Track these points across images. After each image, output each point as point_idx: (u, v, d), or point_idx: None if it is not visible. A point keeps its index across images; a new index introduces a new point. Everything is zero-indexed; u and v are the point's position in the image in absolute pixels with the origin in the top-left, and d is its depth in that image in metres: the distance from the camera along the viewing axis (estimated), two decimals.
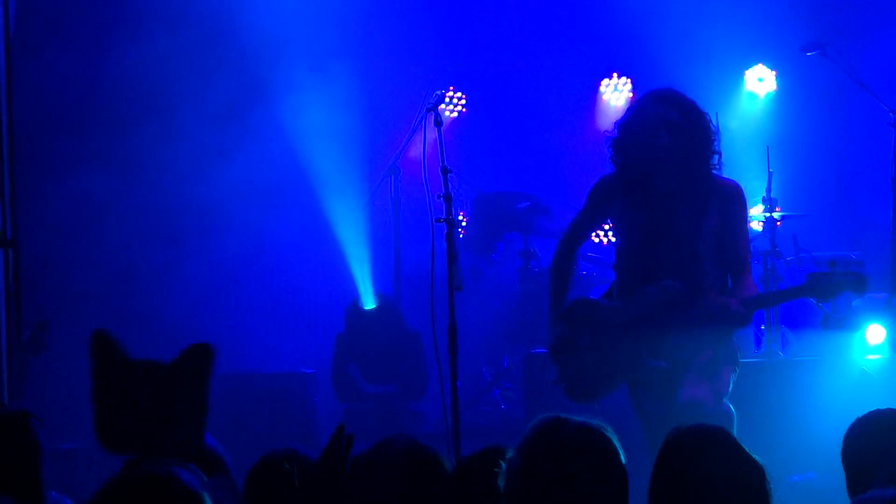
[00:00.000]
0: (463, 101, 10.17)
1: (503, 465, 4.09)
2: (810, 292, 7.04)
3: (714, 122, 7.08)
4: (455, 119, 10.02)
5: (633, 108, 7.04)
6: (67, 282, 9.95)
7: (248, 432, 7.90)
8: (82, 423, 8.68)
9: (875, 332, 9.09)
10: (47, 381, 9.13)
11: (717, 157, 6.96)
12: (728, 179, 7.11)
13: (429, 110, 7.94)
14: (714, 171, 6.97)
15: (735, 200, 6.88)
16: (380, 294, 9.52)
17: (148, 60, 10.06)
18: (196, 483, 3.40)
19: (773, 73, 10.76)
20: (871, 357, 9.14)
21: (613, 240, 7.92)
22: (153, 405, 4.23)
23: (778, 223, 9.21)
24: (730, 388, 6.85)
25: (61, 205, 9.82)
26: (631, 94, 10.65)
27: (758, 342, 9.52)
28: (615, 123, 7.01)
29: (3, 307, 8.93)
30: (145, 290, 10.08)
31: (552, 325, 7.16)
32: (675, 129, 6.80)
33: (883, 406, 4.77)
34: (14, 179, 9.06)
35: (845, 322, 8.48)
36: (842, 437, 4.56)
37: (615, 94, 10.66)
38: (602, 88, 10.64)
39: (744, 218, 6.94)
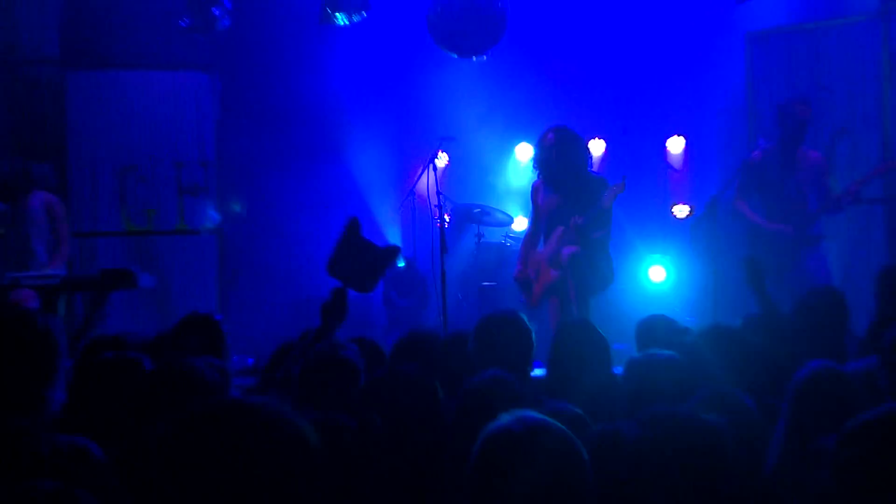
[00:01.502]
0: (447, 157, 9.90)
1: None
2: None
3: (585, 141, 6.84)
4: (444, 167, 9.82)
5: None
6: (252, 251, 9.70)
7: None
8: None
9: (657, 272, 8.94)
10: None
11: (589, 159, 6.82)
12: (597, 174, 6.98)
13: (431, 161, 8.33)
14: (590, 170, 6.81)
15: (601, 187, 6.55)
16: (406, 258, 9.56)
17: (290, 125, 9.83)
18: (211, 375, 3.04)
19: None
20: (654, 280, 8.90)
21: (524, 228, 7.94)
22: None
23: None
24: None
25: (250, 204, 9.74)
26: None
27: None
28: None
29: (216, 272, 9.35)
30: (295, 252, 9.81)
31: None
32: (555, 143, 6.63)
33: (660, 312, 5.04)
34: (222, 191, 9.39)
35: None
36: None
37: (522, 149, 9.80)
38: (515, 150, 9.96)
39: (602, 196, 6.49)
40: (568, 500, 1.99)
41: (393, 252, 3.22)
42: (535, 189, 6.92)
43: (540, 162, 6.81)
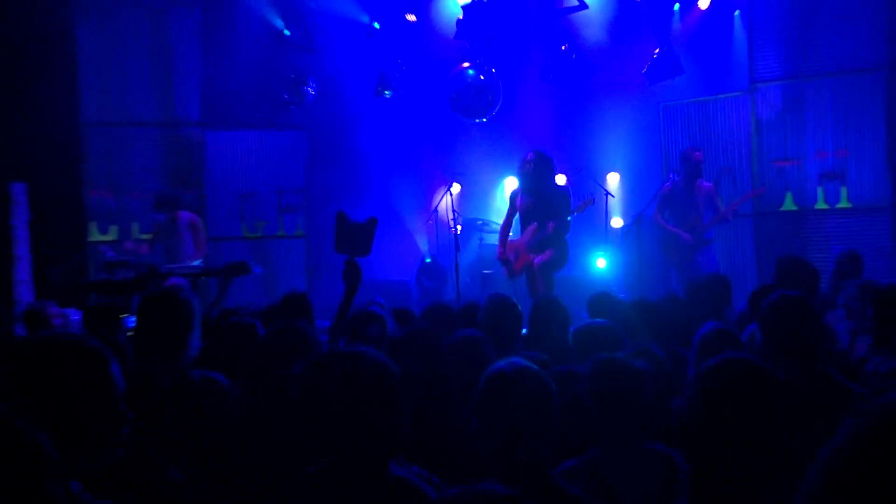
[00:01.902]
0: (459, 186, 9.61)
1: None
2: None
3: (555, 162, 6.50)
4: (457, 193, 9.33)
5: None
6: (328, 250, 9.09)
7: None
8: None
9: (601, 262, 8.69)
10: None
11: (556, 175, 6.57)
12: (562, 187, 6.66)
13: (448, 189, 8.23)
14: (556, 183, 6.54)
15: (564, 195, 6.42)
16: (431, 256, 9.43)
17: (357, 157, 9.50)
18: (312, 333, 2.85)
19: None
20: (599, 267, 8.67)
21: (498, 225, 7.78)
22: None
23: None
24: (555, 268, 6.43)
25: (327, 218, 9.28)
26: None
27: None
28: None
29: (304, 264, 9.23)
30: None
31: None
32: (534, 161, 6.38)
33: (603, 290, 5.02)
34: (308, 209, 9.01)
35: None
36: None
37: (509, 181, 9.29)
38: (504, 182, 9.61)
39: (567, 200, 6.36)
40: (542, 416, 1.98)
41: (373, 221, 3.10)
42: (514, 194, 6.67)
43: (522, 173, 6.56)
